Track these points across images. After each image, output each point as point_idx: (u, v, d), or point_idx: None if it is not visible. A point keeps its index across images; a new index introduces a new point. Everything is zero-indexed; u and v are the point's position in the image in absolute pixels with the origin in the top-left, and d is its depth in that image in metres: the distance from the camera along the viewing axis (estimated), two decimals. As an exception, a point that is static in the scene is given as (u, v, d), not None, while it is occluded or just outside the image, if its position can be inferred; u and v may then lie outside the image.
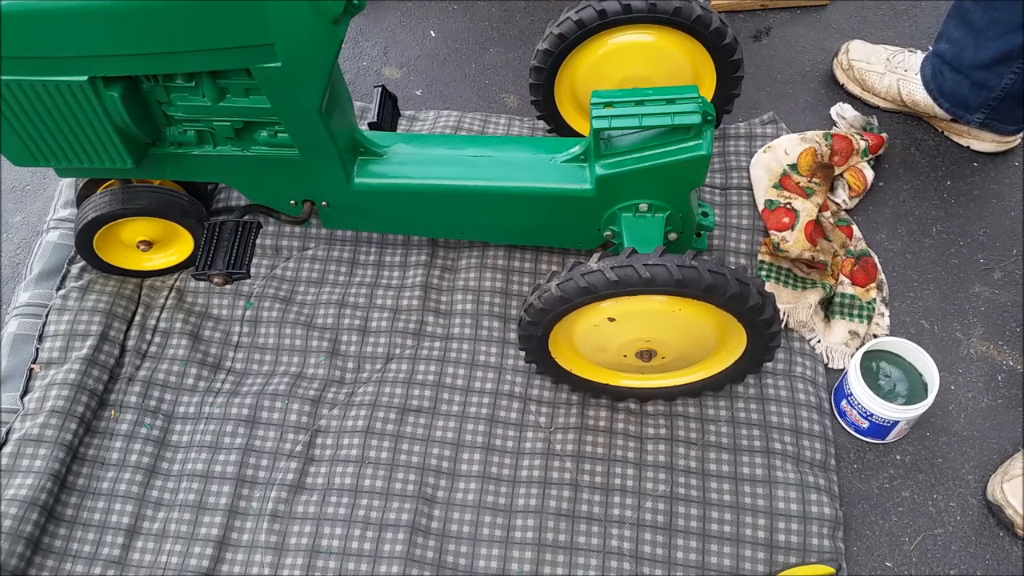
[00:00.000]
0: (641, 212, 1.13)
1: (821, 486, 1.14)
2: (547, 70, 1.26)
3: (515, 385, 1.24)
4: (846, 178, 1.38)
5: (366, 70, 1.66)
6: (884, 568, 1.12)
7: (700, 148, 1.04)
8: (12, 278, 1.42)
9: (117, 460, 1.19)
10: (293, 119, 1.06)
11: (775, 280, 1.30)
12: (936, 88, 1.41)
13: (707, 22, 1.18)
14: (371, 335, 1.29)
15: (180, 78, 1.02)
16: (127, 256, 1.30)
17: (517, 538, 1.12)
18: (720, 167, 1.43)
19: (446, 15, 1.73)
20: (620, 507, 1.14)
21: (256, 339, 1.30)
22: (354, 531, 1.13)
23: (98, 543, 1.13)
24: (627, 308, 1.00)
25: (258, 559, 1.12)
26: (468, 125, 1.51)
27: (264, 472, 1.18)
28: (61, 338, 1.26)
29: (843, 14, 1.67)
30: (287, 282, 1.34)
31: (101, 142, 1.06)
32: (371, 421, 1.20)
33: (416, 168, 1.18)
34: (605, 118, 1.04)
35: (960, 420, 1.22)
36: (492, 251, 1.35)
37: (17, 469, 1.15)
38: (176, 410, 1.24)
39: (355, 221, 1.27)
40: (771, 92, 1.56)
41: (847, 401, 1.19)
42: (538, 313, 1.03)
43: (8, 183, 1.54)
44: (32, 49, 0.94)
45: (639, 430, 1.20)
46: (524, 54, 1.65)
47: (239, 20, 0.91)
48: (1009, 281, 1.34)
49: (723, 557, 1.10)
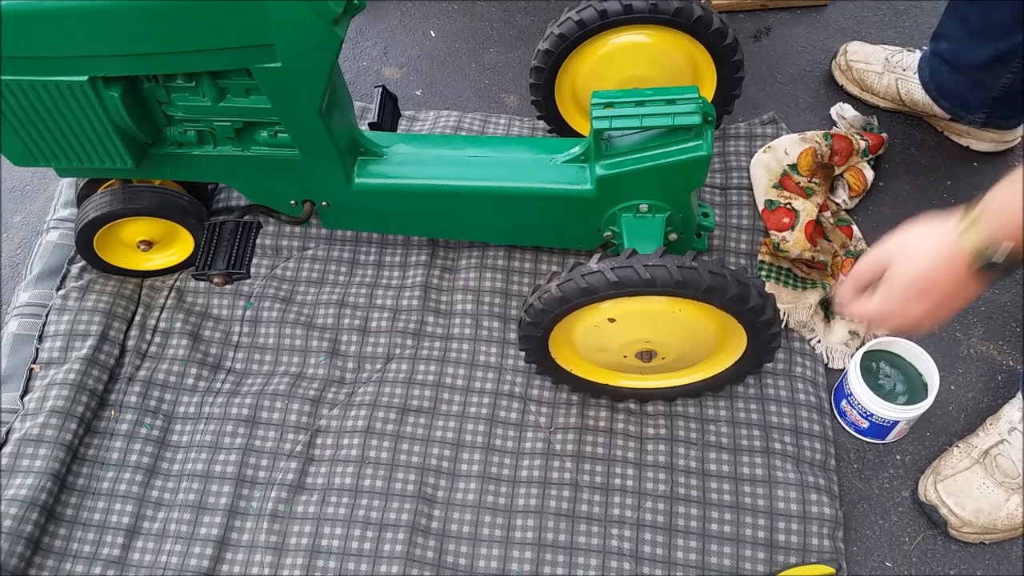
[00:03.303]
0: (641, 213, 1.13)
1: (821, 486, 1.14)
2: (548, 70, 1.26)
3: (515, 385, 1.24)
4: (846, 178, 1.38)
5: (366, 70, 1.65)
6: (884, 568, 1.12)
7: (700, 149, 1.04)
8: (12, 278, 1.42)
9: (117, 460, 1.19)
10: (293, 119, 1.06)
11: (775, 280, 1.30)
12: (935, 88, 1.41)
13: (708, 22, 1.18)
14: (371, 335, 1.29)
15: (180, 78, 1.02)
16: (127, 256, 1.30)
17: (517, 538, 1.12)
18: (720, 167, 1.43)
19: (446, 15, 1.73)
20: (620, 507, 1.14)
21: (256, 339, 1.30)
22: (354, 531, 1.13)
23: (98, 543, 1.13)
24: (627, 309, 1.00)
25: (258, 559, 1.12)
26: (468, 125, 1.51)
27: (264, 472, 1.18)
28: (61, 338, 1.26)
29: (843, 14, 1.67)
30: (287, 282, 1.34)
31: (101, 142, 1.06)
32: (371, 421, 1.20)
33: (416, 168, 1.18)
34: (606, 118, 1.04)
35: (960, 420, 1.22)
36: (492, 251, 1.35)
37: (17, 469, 1.15)
38: (176, 410, 1.24)
39: (355, 221, 1.27)
40: (771, 92, 1.56)
41: (847, 401, 1.19)
42: (538, 314, 1.03)
43: (8, 183, 1.54)
44: (32, 49, 0.94)
45: (639, 430, 1.20)
46: (524, 54, 1.65)
47: (239, 20, 0.91)
48: (1009, 281, 1.34)
49: (723, 557, 1.10)
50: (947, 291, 0.80)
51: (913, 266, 0.81)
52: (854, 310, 0.89)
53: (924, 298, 0.81)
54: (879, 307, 0.85)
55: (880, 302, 0.85)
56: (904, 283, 0.82)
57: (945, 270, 0.79)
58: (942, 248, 0.79)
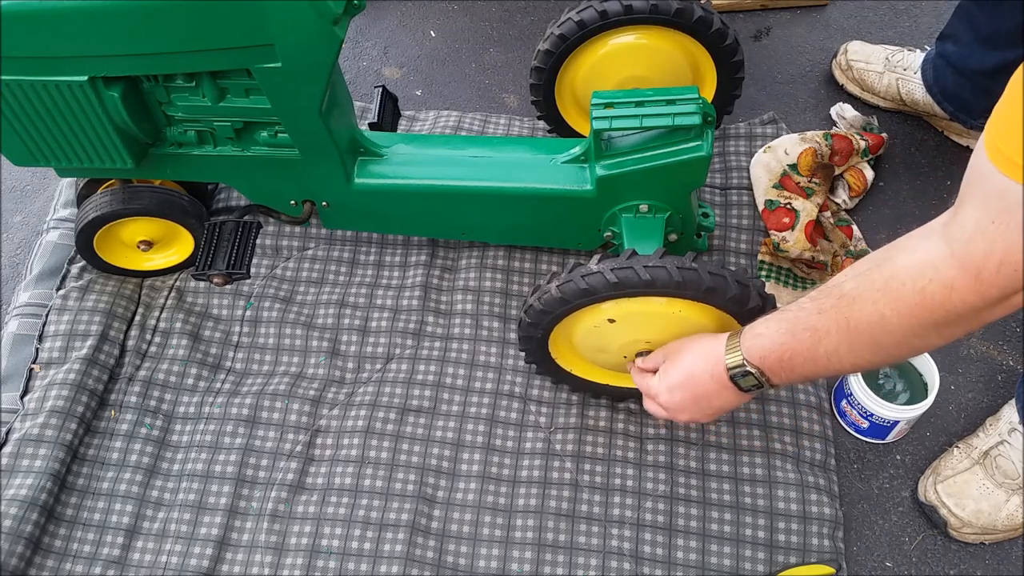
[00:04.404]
0: (641, 213, 1.13)
1: (821, 486, 1.14)
2: (548, 70, 1.26)
3: (515, 385, 1.24)
4: (846, 178, 1.38)
5: (366, 70, 1.65)
6: (884, 568, 1.13)
7: (700, 149, 1.04)
8: (12, 278, 1.42)
9: (117, 460, 1.19)
10: (293, 119, 1.06)
11: (775, 280, 1.30)
12: (940, 91, 1.41)
13: (708, 23, 1.18)
14: (371, 335, 1.29)
15: (180, 78, 1.02)
16: (127, 256, 1.30)
17: (517, 538, 1.13)
18: (720, 167, 1.43)
19: (446, 15, 1.73)
20: (620, 507, 1.14)
21: (256, 339, 1.30)
22: (354, 531, 1.13)
23: (98, 543, 1.13)
24: (627, 309, 1.00)
25: (258, 559, 1.12)
26: (468, 125, 1.51)
27: (264, 472, 1.18)
28: (61, 338, 1.26)
29: (843, 14, 1.67)
30: (287, 282, 1.34)
31: (101, 142, 1.06)
32: (371, 421, 1.20)
33: (416, 168, 1.18)
34: (606, 119, 1.04)
35: (960, 420, 1.22)
36: (492, 251, 1.34)
37: (17, 469, 1.15)
38: (176, 410, 1.24)
39: (355, 221, 1.27)
40: (771, 92, 1.56)
41: (847, 401, 1.19)
42: (538, 314, 1.03)
43: (8, 183, 1.54)
44: (32, 49, 0.94)
45: (639, 430, 1.20)
46: (524, 54, 1.65)
47: (239, 20, 0.91)
48: (1009, 281, 1.34)
49: (723, 557, 1.10)
50: (705, 388, 0.91)
51: (683, 360, 0.94)
52: (636, 379, 1.04)
53: (686, 388, 0.93)
54: (651, 384, 0.98)
55: (654, 382, 0.97)
56: (673, 370, 0.95)
57: (706, 369, 0.90)
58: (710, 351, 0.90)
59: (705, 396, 0.91)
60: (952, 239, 0.64)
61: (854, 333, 0.73)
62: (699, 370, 0.91)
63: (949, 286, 0.64)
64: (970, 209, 0.63)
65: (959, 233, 0.63)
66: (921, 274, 0.66)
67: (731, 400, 0.90)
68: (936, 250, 0.66)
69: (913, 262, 0.68)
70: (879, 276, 0.71)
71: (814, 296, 0.78)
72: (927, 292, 0.66)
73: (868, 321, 0.71)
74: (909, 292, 0.67)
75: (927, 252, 0.67)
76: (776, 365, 0.82)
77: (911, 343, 0.71)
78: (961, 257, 0.63)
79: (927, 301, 0.66)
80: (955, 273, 0.64)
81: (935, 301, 0.66)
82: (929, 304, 0.66)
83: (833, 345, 0.76)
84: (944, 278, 0.65)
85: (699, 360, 0.91)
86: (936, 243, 0.66)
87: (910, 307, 0.68)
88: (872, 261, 0.73)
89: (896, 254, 0.70)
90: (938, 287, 0.65)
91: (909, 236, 0.71)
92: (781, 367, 0.82)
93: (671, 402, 0.95)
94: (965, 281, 0.63)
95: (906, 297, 0.68)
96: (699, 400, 0.92)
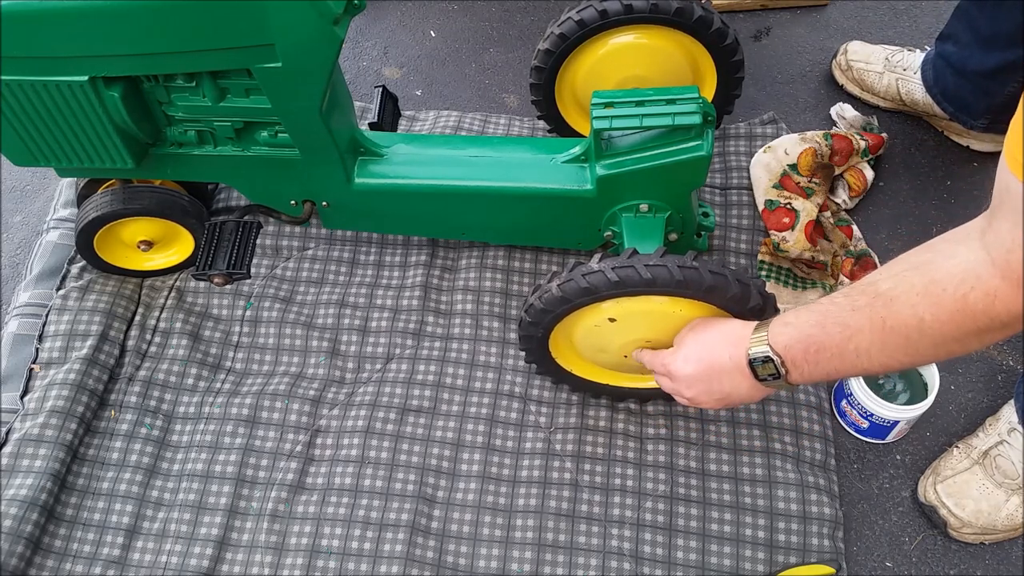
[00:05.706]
0: (642, 213, 1.13)
1: (821, 486, 1.14)
2: (548, 70, 1.26)
3: (515, 385, 1.24)
4: (846, 178, 1.38)
5: (366, 70, 1.65)
6: (884, 568, 1.13)
7: (701, 149, 1.04)
8: (12, 278, 1.42)
9: (117, 460, 1.19)
10: (293, 119, 1.06)
11: (775, 280, 1.30)
12: (940, 92, 1.41)
13: (708, 23, 1.18)
14: (371, 335, 1.29)
15: (181, 78, 1.02)
16: (127, 256, 1.30)
17: (517, 538, 1.12)
18: (720, 167, 1.43)
19: (446, 15, 1.73)
20: (620, 507, 1.14)
21: (256, 339, 1.30)
22: (354, 531, 1.13)
23: (98, 543, 1.13)
24: (628, 309, 1.00)
25: (258, 559, 1.12)
26: (468, 125, 1.51)
27: (264, 472, 1.18)
28: (61, 338, 1.26)
29: (843, 14, 1.67)
30: (287, 282, 1.34)
31: (101, 142, 1.06)
32: (371, 421, 1.20)
33: (416, 168, 1.18)
34: (606, 118, 1.04)
35: (960, 420, 1.22)
36: (492, 251, 1.34)
37: (17, 469, 1.15)
38: (176, 410, 1.24)
39: (355, 221, 1.27)
40: (771, 92, 1.56)
41: (847, 401, 1.19)
42: (538, 313, 1.03)
43: (8, 183, 1.54)
44: (32, 49, 0.94)
45: (639, 430, 1.20)
46: (524, 54, 1.65)
47: (240, 20, 0.91)
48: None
49: (723, 557, 1.10)
50: (721, 367, 0.90)
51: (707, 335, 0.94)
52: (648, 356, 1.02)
53: (702, 361, 0.92)
54: (666, 354, 0.98)
55: (667, 353, 0.97)
56: (694, 342, 0.94)
57: (726, 349, 0.89)
58: (735, 333, 0.89)
59: (718, 375, 0.90)
60: (991, 248, 0.65)
61: (889, 333, 0.73)
62: (720, 348, 0.90)
63: (992, 295, 0.65)
64: (1004, 222, 0.64)
65: (998, 244, 0.64)
66: (963, 281, 0.67)
67: (742, 388, 0.89)
68: (976, 258, 0.66)
69: (954, 268, 0.68)
70: (918, 280, 0.70)
71: (847, 292, 0.78)
72: (969, 300, 0.66)
73: (906, 323, 0.71)
74: (950, 299, 0.68)
75: (967, 259, 0.67)
76: (800, 357, 0.81)
77: (948, 347, 0.71)
78: (1003, 267, 0.64)
79: (969, 308, 0.67)
80: (997, 283, 0.65)
81: (977, 309, 0.66)
82: (971, 311, 0.67)
83: (865, 343, 0.75)
84: (987, 287, 0.65)
85: (722, 338, 0.90)
86: (975, 250, 0.67)
87: (950, 313, 0.68)
88: (908, 263, 0.73)
89: (934, 257, 0.71)
90: (980, 295, 0.66)
91: (944, 240, 0.71)
92: (806, 360, 0.81)
93: (682, 371, 0.94)
94: (1008, 291, 0.64)
95: (947, 304, 0.68)
96: (711, 377, 0.91)
